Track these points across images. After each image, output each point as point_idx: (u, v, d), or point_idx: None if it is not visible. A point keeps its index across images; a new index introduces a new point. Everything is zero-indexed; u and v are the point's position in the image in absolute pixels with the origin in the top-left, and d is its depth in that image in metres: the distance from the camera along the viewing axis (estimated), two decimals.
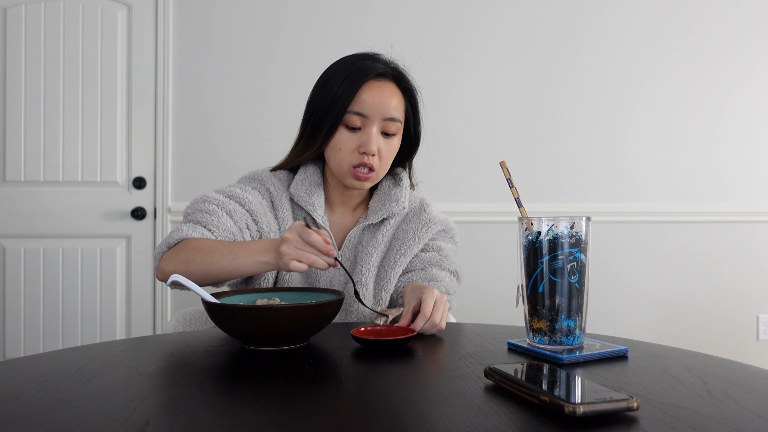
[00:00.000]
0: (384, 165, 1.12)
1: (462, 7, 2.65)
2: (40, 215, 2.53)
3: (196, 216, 1.07)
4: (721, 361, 0.73)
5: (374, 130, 1.09)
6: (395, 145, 1.13)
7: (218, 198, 1.10)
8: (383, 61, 1.14)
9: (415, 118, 1.18)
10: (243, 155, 2.56)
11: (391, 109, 1.10)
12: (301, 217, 1.16)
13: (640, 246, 2.69)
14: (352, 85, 1.08)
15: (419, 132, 1.20)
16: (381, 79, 1.11)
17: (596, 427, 0.49)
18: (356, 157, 1.09)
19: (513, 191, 0.84)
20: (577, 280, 0.74)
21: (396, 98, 1.12)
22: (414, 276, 1.15)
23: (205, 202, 1.08)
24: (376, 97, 1.09)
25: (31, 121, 2.53)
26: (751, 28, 2.73)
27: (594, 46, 2.68)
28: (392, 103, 1.10)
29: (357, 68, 1.10)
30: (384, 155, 1.11)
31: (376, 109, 1.09)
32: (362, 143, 1.08)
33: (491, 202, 2.62)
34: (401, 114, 1.13)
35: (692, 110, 2.72)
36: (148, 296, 2.57)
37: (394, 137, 1.12)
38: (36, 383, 0.63)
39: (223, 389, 0.63)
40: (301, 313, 0.77)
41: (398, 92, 1.13)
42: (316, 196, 1.15)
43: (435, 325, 0.90)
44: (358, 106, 1.08)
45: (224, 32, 2.59)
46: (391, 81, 1.13)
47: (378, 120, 1.09)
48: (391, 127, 1.11)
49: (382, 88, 1.10)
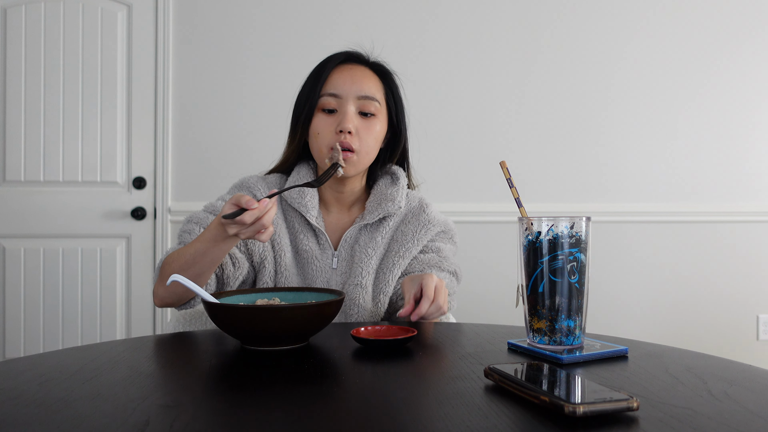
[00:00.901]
0: (365, 147, 1.11)
1: (462, 6, 2.65)
2: (40, 215, 2.53)
3: (181, 237, 1.11)
4: (721, 361, 0.73)
5: (350, 109, 1.09)
6: (376, 128, 1.12)
7: (200, 216, 1.12)
8: (359, 53, 1.17)
9: (396, 105, 1.18)
10: (243, 155, 2.56)
11: (364, 88, 1.11)
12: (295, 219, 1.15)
13: (640, 246, 2.69)
14: (323, 69, 1.13)
15: (402, 121, 1.20)
16: (353, 62, 1.14)
17: (596, 427, 0.49)
18: (334, 138, 1.09)
19: (513, 191, 0.84)
20: (577, 280, 0.74)
21: (371, 81, 1.13)
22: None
23: (189, 223, 1.12)
24: (347, 77, 1.11)
25: (31, 121, 2.53)
26: (751, 28, 2.73)
27: (594, 45, 2.68)
28: (366, 83, 1.12)
29: (325, 59, 1.15)
30: (363, 136, 1.10)
31: (349, 87, 1.10)
32: (339, 122, 1.09)
33: (491, 202, 2.62)
34: (380, 95, 1.13)
35: (692, 110, 2.71)
36: (148, 296, 2.57)
37: (374, 119, 1.12)
38: (36, 383, 0.63)
39: (223, 389, 0.63)
40: (301, 313, 0.77)
41: (374, 77, 1.15)
42: (309, 197, 1.14)
43: (439, 307, 0.90)
44: (331, 86, 1.11)
45: (224, 32, 2.59)
46: (365, 66, 1.15)
47: (352, 98, 1.10)
48: (368, 106, 1.11)
49: (354, 70, 1.13)
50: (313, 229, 1.15)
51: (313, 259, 1.13)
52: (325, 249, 1.14)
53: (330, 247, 1.14)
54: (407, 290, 0.97)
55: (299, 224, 1.15)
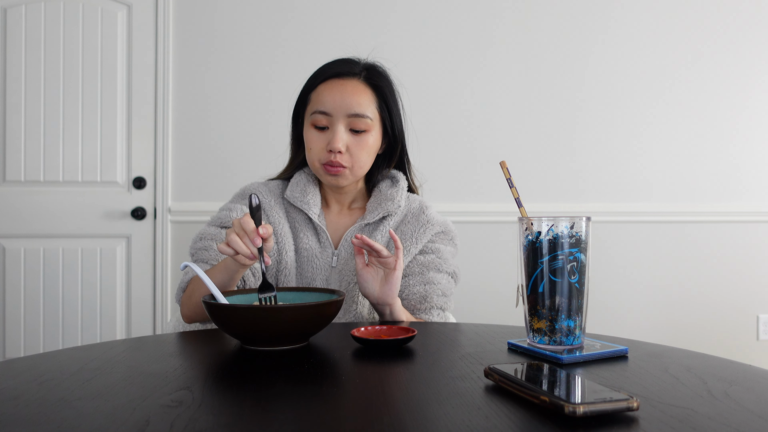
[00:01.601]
0: (358, 162, 1.12)
1: (463, 7, 2.65)
2: (40, 215, 2.53)
3: (198, 255, 1.13)
4: (721, 361, 0.73)
5: (339, 128, 1.10)
6: (368, 142, 1.13)
7: (211, 232, 1.14)
8: (352, 62, 1.16)
9: (391, 115, 1.17)
10: (243, 155, 2.56)
11: (354, 106, 1.11)
12: (297, 219, 1.17)
13: (640, 246, 2.69)
14: (313, 85, 1.14)
15: (398, 130, 1.19)
16: (343, 77, 1.13)
17: (596, 427, 0.49)
18: (325, 155, 1.11)
19: (513, 191, 0.84)
20: (577, 280, 0.74)
21: (363, 95, 1.12)
22: (412, 280, 1.15)
23: (202, 240, 1.14)
24: (337, 94, 1.11)
25: (31, 121, 2.53)
26: (753, 28, 2.73)
27: (595, 45, 2.68)
28: (356, 99, 1.11)
29: (317, 71, 1.16)
30: (355, 152, 1.12)
31: (338, 106, 1.10)
32: (329, 141, 1.11)
33: (491, 202, 2.62)
34: (371, 110, 1.13)
35: (692, 110, 2.72)
36: (148, 296, 2.57)
37: (366, 134, 1.12)
38: (36, 383, 0.63)
39: (223, 389, 0.63)
40: (301, 313, 0.77)
41: (366, 90, 1.13)
42: (311, 195, 1.17)
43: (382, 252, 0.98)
44: (320, 104, 1.11)
45: (224, 32, 2.59)
46: (356, 79, 1.14)
47: (342, 117, 1.11)
48: (358, 123, 1.11)
49: (344, 86, 1.12)
50: (315, 227, 1.16)
51: (313, 258, 1.14)
52: (326, 247, 1.15)
53: (330, 245, 1.15)
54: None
55: (300, 223, 1.17)
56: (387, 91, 1.16)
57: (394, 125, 1.18)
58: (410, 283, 1.15)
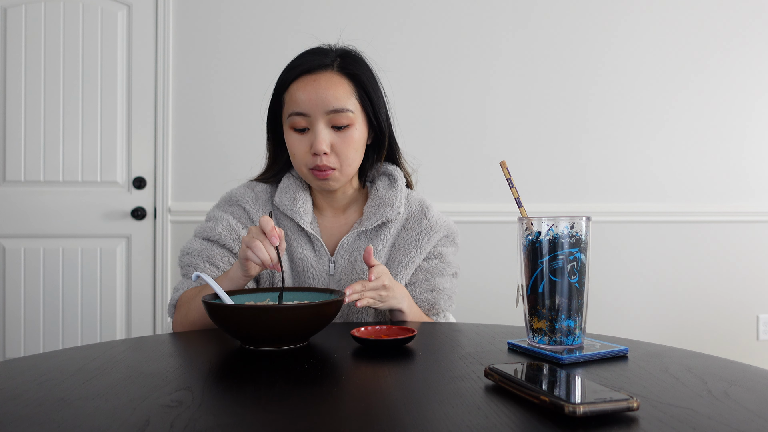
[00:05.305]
0: (346, 160, 1.06)
1: (463, 5, 2.65)
2: (40, 215, 2.53)
3: (186, 271, 1.10)
4: (721, 361, 0.73)
5: (320, 127, 1.03)
6: (354, 137, 1.06)
7: (197, 247, 1.10)
8: (322, 51, 1.09)
9: (373, 104, 1.09)
10: (243, 155, 2.56)
11: (332, 101, 1.03)
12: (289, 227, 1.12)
13: (640, 246, 2.69)
14: (282, 87, 1.08)
15: (383, 118, 1.11)
16: (315, 72, 1.05)
17: (596, 427, 0.49)
18: (310, 160, 1.05)
19: (513, 191, 0.84)
20: (577, 280, 0.74)
21: (339, 88, 1.04)
22: (418, 288, 1.12)
23: (189, 255, 1.10)
24: (311, 92, 1.03)
25: (31, 121, 2.53)
26: (751, 28, 2.73)
27: (594, 46, 2.68)
28: (333, 93, 1.03)
29: (287, 68, 1.09)
30: (341, 150, 1.05)
31: (314, 104, 1.03)
32: (312, 143, 1.04)
33: (491, 202, 2.62)
34: (351, 102, 1.05)
35: (692, 110, 2.72)
36: (148, 296, 2.57)
37: (350, 129, 1.05)
38: (36, 383, 0.63)
39: (223, 389, 0.63)
40: (301, 313, 0.77)
41: (342, 81, 1.05)
42: (302, 202, 1.11)
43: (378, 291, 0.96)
44: (295, 105, 1.04)
45: (224, 32, 2.59)
46: (329, 71, 1.05)
47: (321, 115, 1.03)
48: (340, 119, 1.04)
49: (317, 81, 1.04)
50: (308, 235, 1.11)
51: (309, 267, 1.09)
52: (321, 255, 1.10)
53: (326, 253, 1.10)
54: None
55: (292, 232, 1.11)
56: (365, 78, 1.08)
57: (378, 114, 1.10)
58: (417, 291, 1.12)
